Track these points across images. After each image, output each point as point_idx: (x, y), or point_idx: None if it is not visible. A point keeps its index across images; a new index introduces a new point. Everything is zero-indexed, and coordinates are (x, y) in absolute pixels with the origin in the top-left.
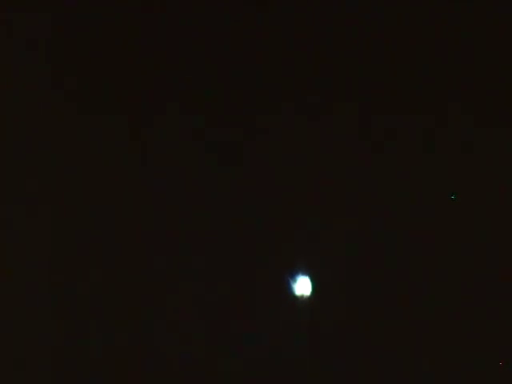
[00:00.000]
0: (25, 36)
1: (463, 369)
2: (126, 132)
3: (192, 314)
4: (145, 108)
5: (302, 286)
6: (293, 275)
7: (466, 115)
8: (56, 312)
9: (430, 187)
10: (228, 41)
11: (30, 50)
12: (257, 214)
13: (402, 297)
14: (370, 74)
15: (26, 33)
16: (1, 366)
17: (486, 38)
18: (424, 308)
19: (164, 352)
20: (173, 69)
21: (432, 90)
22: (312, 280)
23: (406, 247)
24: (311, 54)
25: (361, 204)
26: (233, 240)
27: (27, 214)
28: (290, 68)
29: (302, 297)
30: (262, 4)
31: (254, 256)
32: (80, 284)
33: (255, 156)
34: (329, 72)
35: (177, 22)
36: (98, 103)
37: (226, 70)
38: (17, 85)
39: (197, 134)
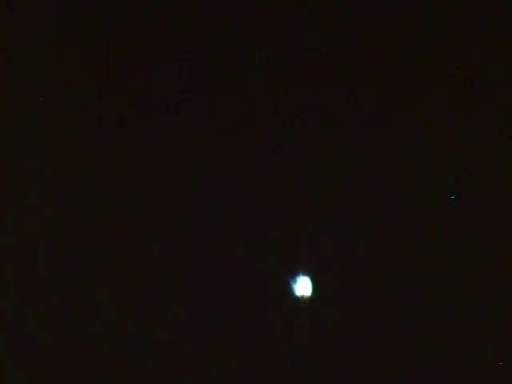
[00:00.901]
0: (25, 36)
1: (463, 369)
2: (126, 131)
3: (190, 315)
4: (145, 107)
5: (303, 287)
6: (293, 276)
7: (466, 115)
8: (55, 311)
9: (430, 187)
10: (228, 40)
11: (29, 49)
12: (257, 213)
13: (403, 297)
14: (370, 75)
15: (25, 33)
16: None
17: (486, 38)
18: (425, 309)
19: (163, 352)
20: (173, 69)
21: (432, 90)
22: (313, 281)
23: (407, 248)
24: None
25: (362, 204)
26: (232, 240)
27: (27, 214)
28: (291, 68)
29: (302, 298)
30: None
31: (253, 256)
32: (79, 283)
33: (255, 156)
34: (329, 72)
35: (178, 22)
36: (97, 101)
37: (227, 69)
38: (16, 84)
39: (196, 132)
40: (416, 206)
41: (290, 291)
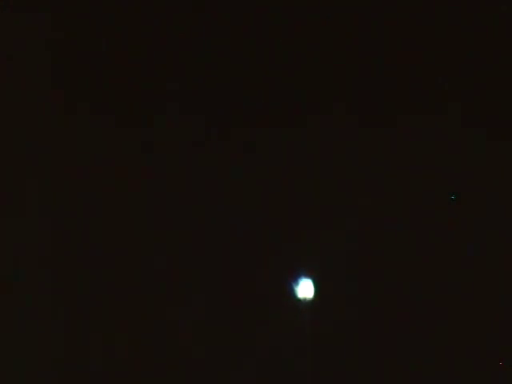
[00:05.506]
0: (25, 36)
1: (463, 369)
2: (126, 132)
3: (194, 316)
4: (145, 108)
5: (305, 289)
6: (295, 278)
7: (466, 115)
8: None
9: (430, 188)
10: (230, 41)
11: (30, 50)
12: (259, 216)
13: (403, 297)
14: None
15: (25, 33)
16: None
17: (486, 38)
18: (426, 310)
19: (165, 353)
20: (175, 70)
21: (432, 91)
22: (314, 283)
23: (407, 249)
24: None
25: (363, 206)
26: (235, 242)
27: (27, 213)
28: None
29: (304, 299)
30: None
31: (256, 258)
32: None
33: (257, 157)
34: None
35: (179, 23)
36: (97, 102)
37: (228, 70)
38: (17, 85)
39: (198, 134)
40: (416, 207)
41: (291, 293)
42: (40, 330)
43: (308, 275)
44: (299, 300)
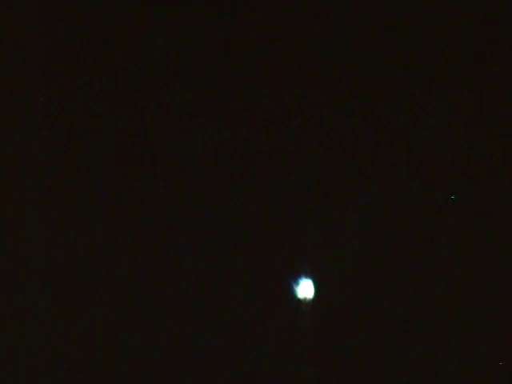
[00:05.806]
0: (25, 36)
1: (463, 369)
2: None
3: (191, 316)
4: (144, 108)
5: (305, 289)
6: (295, 278)
7: (467, 115)
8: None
9: (430, 188)
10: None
11: (29, 49)
12: (258, 216)
13: (404, 297)
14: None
15: (25, 33)
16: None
17: (486, 39)
18: (427, 311)
19: (165, 353)
20: (174, 69)
21: (432, 90)
22: (315, 283)
23: (408, 249)
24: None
25: (363, 207)
26: (235, 242)
27: (26, 215)
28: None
29: (304, 299)
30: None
31: (256, 258)
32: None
33: (257, 157)
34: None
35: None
36: (97, 102)
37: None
38: (16, 84)
39: (198, 133)
40: (416, 207)
41: (291, 293)
42: (40, 330)
43: (308, 275)
44: (299, 300)
